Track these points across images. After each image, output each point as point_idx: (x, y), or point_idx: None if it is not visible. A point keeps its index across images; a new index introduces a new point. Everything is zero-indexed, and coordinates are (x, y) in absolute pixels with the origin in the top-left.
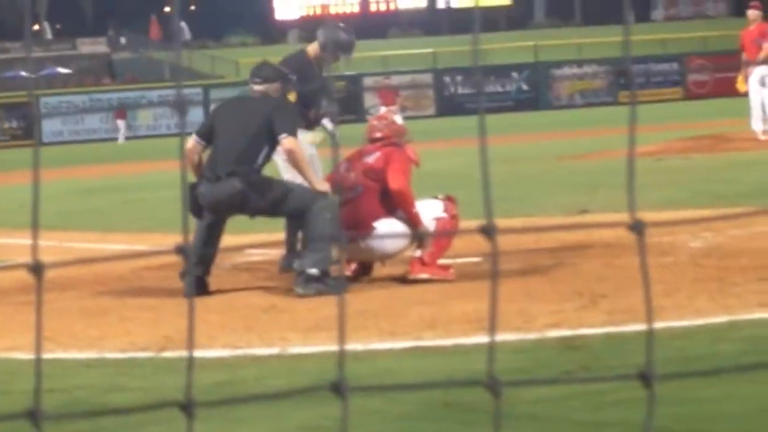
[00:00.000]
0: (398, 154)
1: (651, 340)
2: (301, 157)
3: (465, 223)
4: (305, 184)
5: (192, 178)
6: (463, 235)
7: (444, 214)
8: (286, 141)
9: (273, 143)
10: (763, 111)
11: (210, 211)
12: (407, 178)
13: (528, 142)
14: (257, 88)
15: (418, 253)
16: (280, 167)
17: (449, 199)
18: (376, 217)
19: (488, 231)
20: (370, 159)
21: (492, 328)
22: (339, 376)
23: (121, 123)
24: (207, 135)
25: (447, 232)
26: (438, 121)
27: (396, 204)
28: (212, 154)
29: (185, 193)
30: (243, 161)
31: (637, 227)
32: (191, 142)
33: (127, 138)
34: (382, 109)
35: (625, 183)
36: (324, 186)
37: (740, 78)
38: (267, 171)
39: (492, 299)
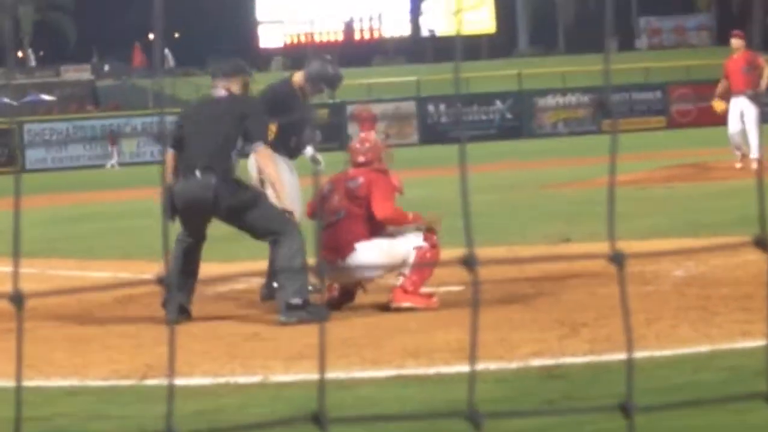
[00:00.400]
0: (381, 181)
1: (631, 372)
2: (273, 166)
3: (447, 252)
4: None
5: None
6: (443, 267)
7: (424, 243)
8: (260, 149)
9: (243, 141)
10: (745, 140)
11: (184, 212)
12: (392, 203)
13: (511, 170)
14: (221, 84)
15: (400, 281)
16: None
17: (429, 230)
18: (357, 239)
19: (469, 262)
20: (353, 184)
21: (473, 360)
22: (319, 406)
23: (114, 149)
24: (180, 141)
25: (426, 263)
26: (421, 149)
27: (388, 225)
28: (185, 154)
29: (165, 222)
30: (217, 158)
31: (618, 259)
32: (169, 154)
33: (119, 164)
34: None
35: (608, 212)
36: (291, 205)
37: (717, 101)
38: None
39: (473, 330)
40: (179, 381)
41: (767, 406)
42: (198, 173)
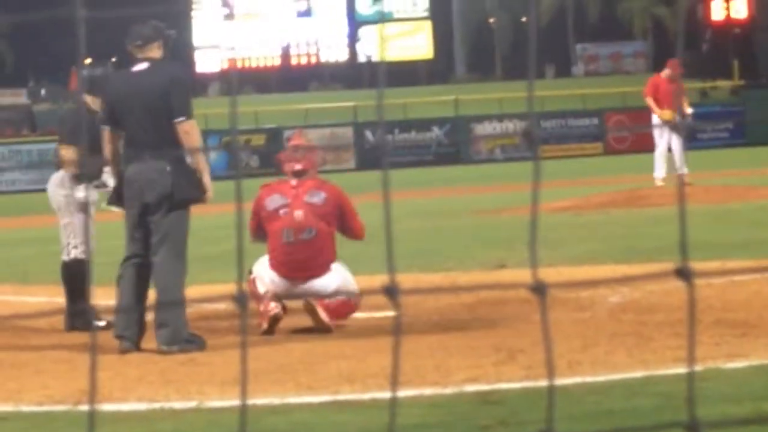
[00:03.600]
0: (347, 199)
1: (553, 399)
2: (198, 143)
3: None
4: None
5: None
6: (369, 295)
7: (355, 300)
8: (183, 125)
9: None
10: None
11: (133, 199)
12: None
13: (448, 196)
14: (140, 54)
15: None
16: (54, 205)
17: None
18: (329, 259)
19: (390, 291)
20: (317, 200)
21: (394, 387)
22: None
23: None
24: (114, 119)
25: (349, 312)
26: (358, 175)
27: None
28: (129, 136)
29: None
30: (163, 139)
31: (540, 289)
32: (106, 132)
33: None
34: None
35: (544, 238)
36: (210, 185)
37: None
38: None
39: (395, 359)
40: (113, 406)
41: None
42: (149, 157)
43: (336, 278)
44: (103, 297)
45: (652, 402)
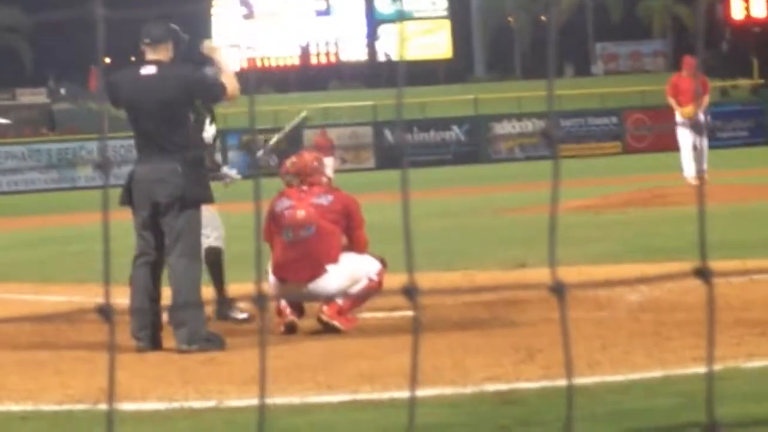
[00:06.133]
0: (357, 209)
1: (571, 401)
2: (237, 88)
3: (398, 278)
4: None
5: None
6: (390, 295)
7: (375, 278)
8: (229, 98)
9: (189, 117)
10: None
11: (143, 199)
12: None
13: (467, 195)
14: (149, 55)
15: (340, 299)
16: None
17: (383, 263)
18: (331, 260)
19: (409, 292)
20: (323, 201)
21: (413, 388)
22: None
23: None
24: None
25: (368, 295)
26: (378, 174)
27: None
28: (139, 141)
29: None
30: (173, 143)
31: (560, 290)
32: None
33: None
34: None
35: (563, 237)
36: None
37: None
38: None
39: (414, 358)
40: (133, 406)
41: None
42: (159, 157)
43: (337, 277)
44: (123, 296)
45: (672, 401)
